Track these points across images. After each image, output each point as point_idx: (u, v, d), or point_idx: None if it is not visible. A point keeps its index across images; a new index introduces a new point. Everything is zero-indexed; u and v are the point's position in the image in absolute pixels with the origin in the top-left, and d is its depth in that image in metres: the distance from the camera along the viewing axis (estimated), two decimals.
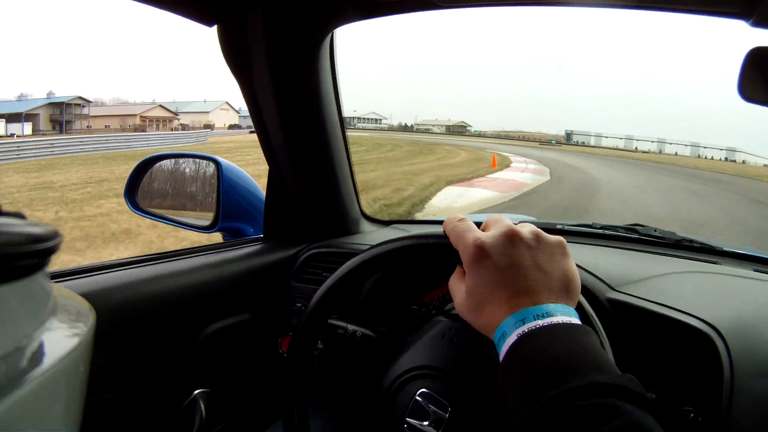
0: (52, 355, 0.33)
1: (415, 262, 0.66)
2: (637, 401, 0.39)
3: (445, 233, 0.58)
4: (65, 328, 0.37)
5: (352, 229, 1.31)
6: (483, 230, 0.56)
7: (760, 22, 0.72)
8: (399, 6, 1.00)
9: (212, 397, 0.97)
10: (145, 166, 1.31)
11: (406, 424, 0.65)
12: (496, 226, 0.55)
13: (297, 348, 0.72)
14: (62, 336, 0.36)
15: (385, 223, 1.42)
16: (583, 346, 0.45)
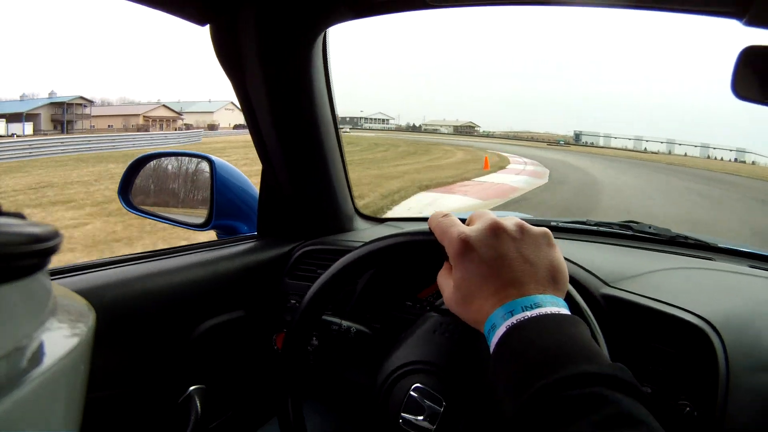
0: (52, 355, 0.33)
1: (405, 259, 0.67)
2: (628, 390, 0.39)
3: (430, 229, 0.59)
4: (65, 328, 0.37)
5: (346, 227, 1.31)
6: (467, 225, 0.57)
7: (753, 22, 0.73)
8: (390, 5, 1.00)
9: (208, 393, 0.97)
10: (139, 165, 1.30)
11: (401, 419, 0.65)
12: (481, 220, 0.55)
13: (291, 344, 0.72)
14: (62, 336, 0.36)
15: (379, 221, 1.43)
16: (572, 337, 0.45)
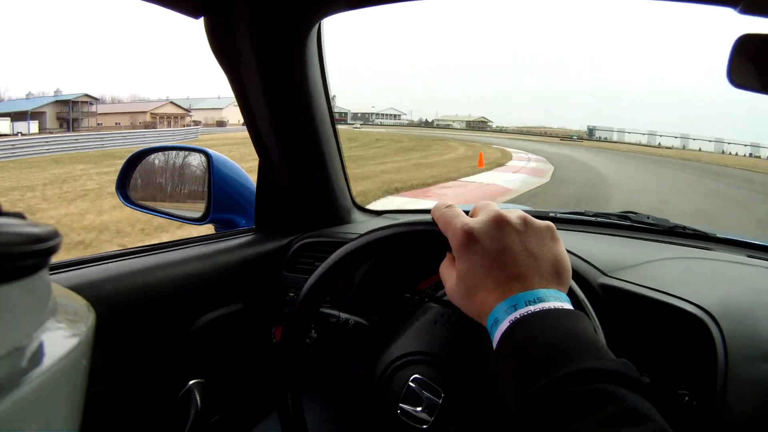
0: (52, 355, 0.33)
1: (405, 250, 0.66)
2: (632, 386, 0.39)
3: (433, 220, 0.58)
4: (65, 328, 0.37)
5: (344, 219, 1.31)
6: (471, 216, 0.56)
7: (748, 9, 0.73)
8: None
9: (207, 387, 0.97)
10: (137, 160, 1.30)
11: (400, 410, 0.65)
12: (484, 212, 0.55)
13: (289, 336, 0.72)
14: (62, 336, 0.36)
15: (377, 213, 1.43)
16: (576, 332, 0.44)
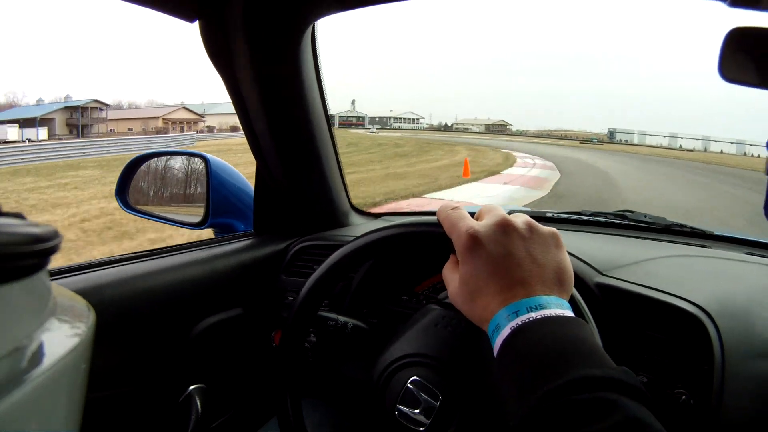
0: (52, 355, 0.33)
1: (409, 250, 0.66)
2: (634, 394, 0.39)
3: (438, 221, 0.58)
4: (65, 328, 0.37)
5: (342, 222, 1.31)
6: (476, 219, 0.56)
7: (737, 3, 0.73)
8: None
9: (208, 392, 0.97)
10: (135, 165, 1.30)
11: (397, 411, 0.65)
12: (490, 215, 0.55)
13: (289, 340, 0.73)
14: (62, 336, 0.36)
15: (375, 216, 1.43)
16: (577, 339, 0.44)
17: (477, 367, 0.64)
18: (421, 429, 0.64)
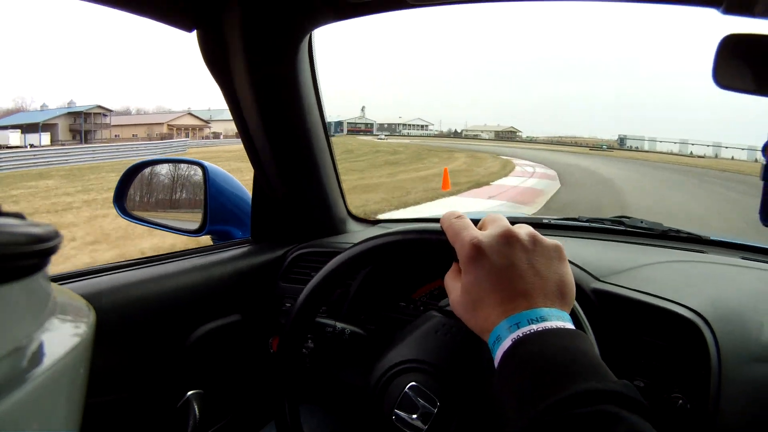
0: (52, 355, 0.33)
1: (410, 257, 0.66)
2: (634, 407, 0.39)
3: (441, 229, 0.58)
4: (65, 328, 0.37)
5: (339, 229, 1.32)
6: (480, 228, 0.56)
7: (731, 10, 0.74)
8: (371, 6, 1.01)
9: (206, 398, 0.97)
10: (134, 172, 1.31)
11: (395, 416, 0.65)
12: (494, 226, 0.55)
13: (286, 346, 0.72)
14: (62, 336, 0.36)
15: (372, 222, 1.43)
16: (579, 352, 0.45)
17: (476, 375, 0.64)
18: None
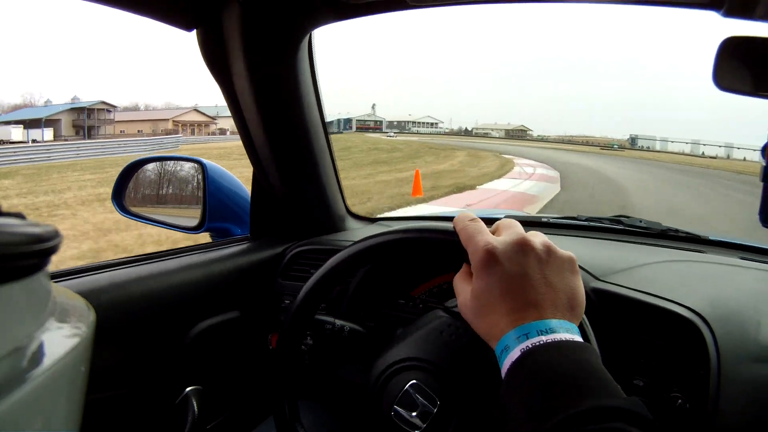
0: (52, 355, 0.33)
1: (418, 255, 0.65)
2: (644, 425, 0.39)
3: (454, 230, 0.58)
4: (65, 328, 0.37)
5: (338, 227, 1.32)
6: (494, 233, 0.56)
7: (732, 12, 0.74)
8: (371, 7, 1.01)
9: (204, 394, 0.97)
10: (132, 169, 1.31)
11: (393, 412, 0.65)
12: (508, 233, 0.54)
13: (285, 343, 0.72)
14: (62, 336, 0.36)
15: (371, 220, 1.43)
16: (589, 366, 0.44)
17: (479, 379, 0.64)
18: None
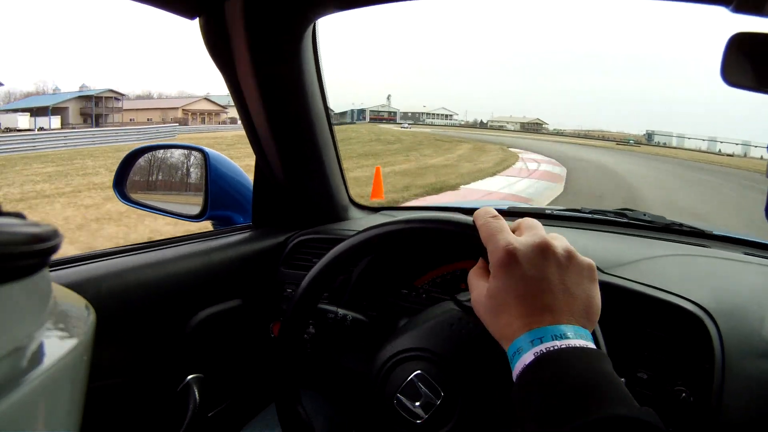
0: (52, 355, 0.33)
1: (437, 244, 0.64)
2: None
3: (474, 225, 0.57)
4: (65, 328, 0.37)
5: (341, 216, 1.32)
6: (514, 232, 0.55)
7: (741, 8, 0.73)
8: None
9: (206, 382, 0.98)
10: (134, 157, 1.30)
11: (396, 400, 0.65)
12: (530, 234, 0.54)
13: (288, 332, 0.72)
14: (62, 336, 0.36)
15: (374, 210, 1.43)
16: (602, 374, 0.44)
17: (485, 375, 0.63)
18: (418, 422, 0.63)
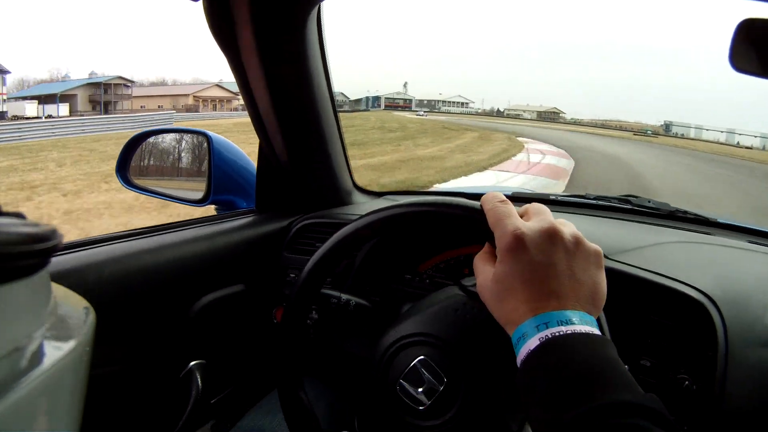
0: (52, 355, 0.33)
1: (443, 227, 0.64)
2: (662, 422, 0.39)
3: (481, 209, 0.57)
4: (65, 328, 0.37)
5: (345, 200, 1.31)
6: (522, 217, 0.55)
7: None
8: None
9: (208, 368, 0.99)
10: (136, 142, 1.30)
11: (399, 386, 0.65)
12: (538, 219, 0.53)
13: (290, 315, 0.72)
14: (62, 336, 0.36)
15: (378, 194, 1.43)
16: (607, 360, 0.44)
17: (489, 361, 0.63)
18: (420, 408, 0.63)
